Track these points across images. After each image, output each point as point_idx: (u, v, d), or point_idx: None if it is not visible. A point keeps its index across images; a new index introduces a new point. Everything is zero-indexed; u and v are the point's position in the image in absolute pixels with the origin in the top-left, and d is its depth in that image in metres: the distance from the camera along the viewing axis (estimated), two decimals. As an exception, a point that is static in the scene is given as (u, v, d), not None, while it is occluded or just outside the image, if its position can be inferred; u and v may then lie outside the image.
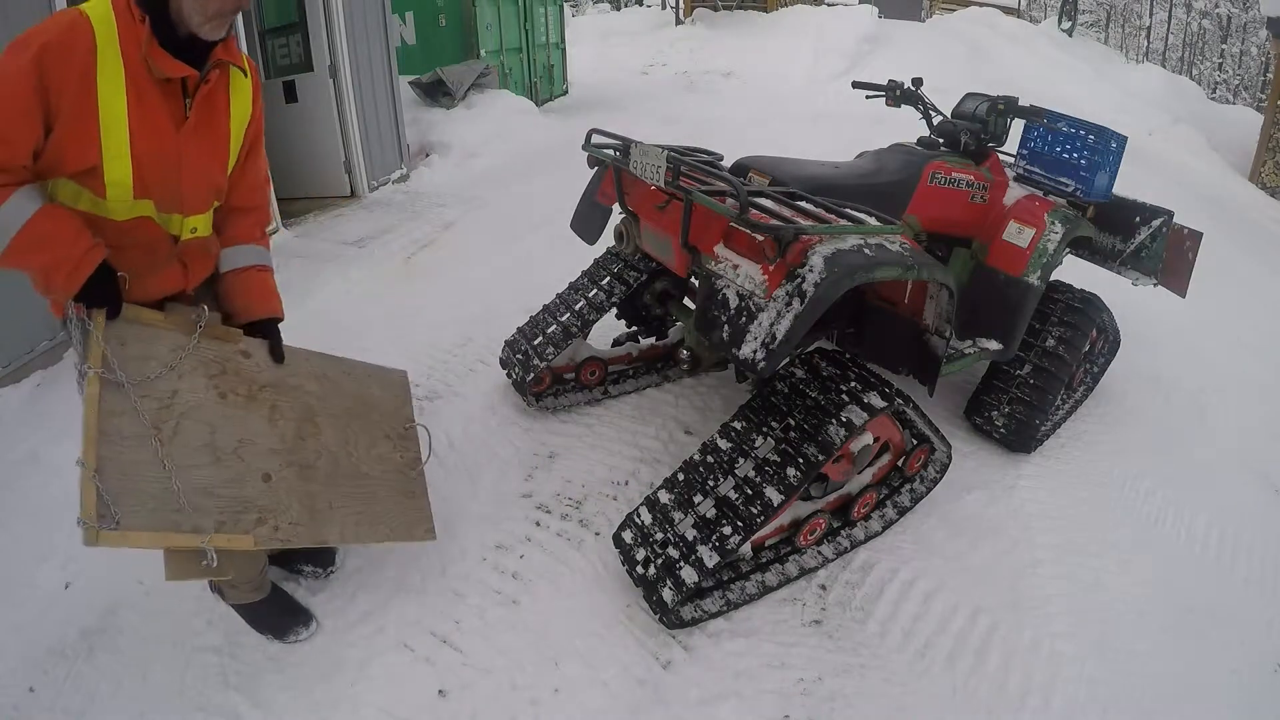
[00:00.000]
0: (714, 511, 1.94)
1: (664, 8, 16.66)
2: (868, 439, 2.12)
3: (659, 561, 1.93)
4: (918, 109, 2.86)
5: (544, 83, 9.42)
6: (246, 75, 1.59)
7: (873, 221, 2.01)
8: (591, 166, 2.58)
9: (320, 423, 1.87)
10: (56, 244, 1.37)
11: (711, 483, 2.00)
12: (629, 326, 2.93)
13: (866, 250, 1.86)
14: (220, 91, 1.54)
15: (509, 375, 2.79)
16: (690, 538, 1.92)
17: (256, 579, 1.85)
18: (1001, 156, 2.82)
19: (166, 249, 1.57)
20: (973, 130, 2.66)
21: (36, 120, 1.30)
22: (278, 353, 1.80)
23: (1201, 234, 2.90)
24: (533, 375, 2.64)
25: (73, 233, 1.39)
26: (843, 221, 1.95)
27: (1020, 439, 2.66)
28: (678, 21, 14.90)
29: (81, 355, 1.49)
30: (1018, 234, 2.57)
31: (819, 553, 2.15)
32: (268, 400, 1.78)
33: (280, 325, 1.85)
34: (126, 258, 1.50)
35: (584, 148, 2.43)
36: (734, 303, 1.91)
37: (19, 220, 1.32)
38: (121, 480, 1.44)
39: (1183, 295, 3.01)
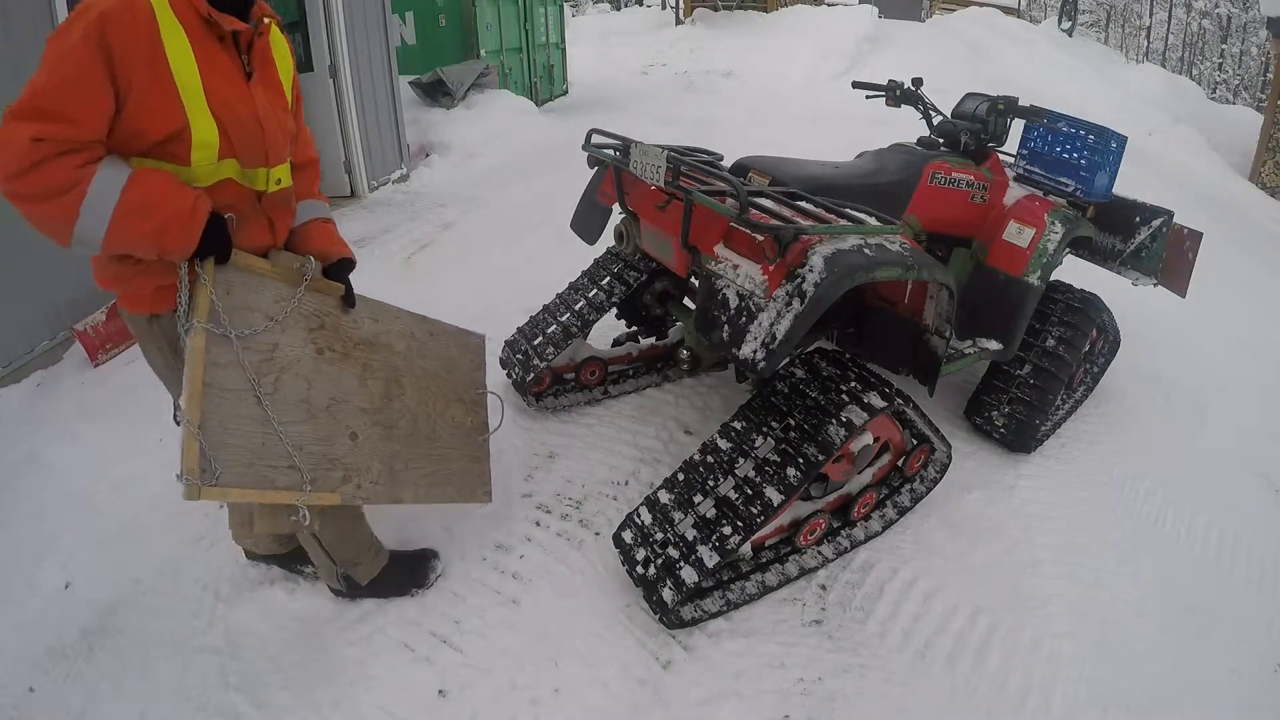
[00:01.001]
0: (714, 511, 1.94)
1: (664, 8, 16.67)
2: (868, 439, 2.12)
3: (659, 561, 1.93)
4: (918, 109, 2.86)
5: (544, 83, 9.42)
6: (281, 29, 1.63)
7: (873, 221, 2.01)
8: (591, 166, 2.58)
9: (405, 383, 1.91)
10: (161, 203, 1.33)
11: (711, 483, 2.00)
12: (629, 326, 2.93)
13: (866, 250, 1.86)
14: (267, 45, 1.56)
15: (509, 375, 2.79)
16: (690, 538, 1.92)
17: (375, 541, 1.95)
18: (1001, 156, 2.82)
19: (251, 208, 1.55)
20: (973, 130, 2.66)
21: (107, 94, 1.27)
22: (350, 297, 1.80)
23: (1201, 234, 2.90)
24: (533, 375, 2.64)
25: (173, 188, 1.36)
26: (843, 221, 1.95)
27: (1020, 439, 2.66)
28: (678, 21, 14.91)
29: (186, 307, 1.45)
30: (1018, 234, 2.57)
31: (819, 553, 2.15)
32: (360, 359, 1.80)
33: None
34: (232, 207, 1.50)
35: (584, 148, 2.43)
36: (734, 303, 1.91)
37: (114, 191, 1.28)
38: (222, 434, 1.42)
39: (1183, 295, 3.01)
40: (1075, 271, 3.00)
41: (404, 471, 1.81)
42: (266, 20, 1.53)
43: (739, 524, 1.89)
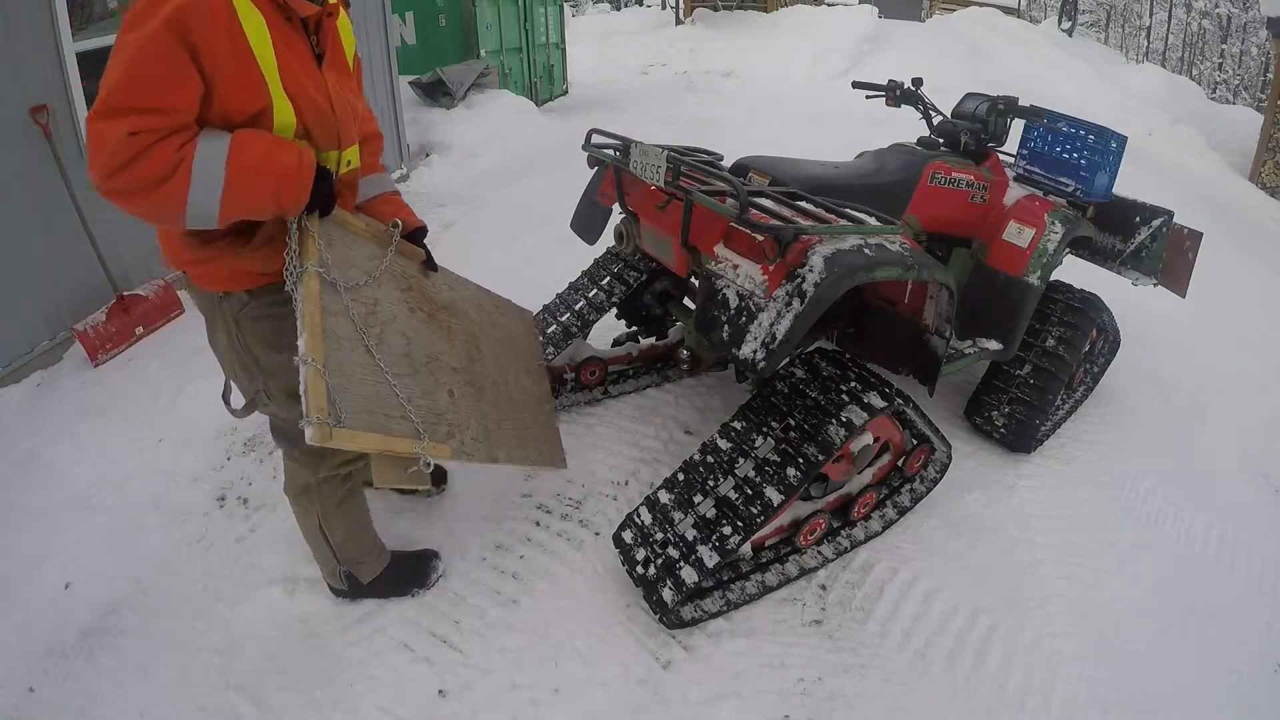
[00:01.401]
0: (714, 511, 1.94)
1: (664, 8, 16.67)
2: (868, 439, 2.12)
3: (659, 561, 1.93)
4: (918, 109, 2.86)
5: (544, 83, 9.42)
6: (345, 9, 1.64)
7: (873, 221, 2.01)
8: (591, 166, 2.58)
9: (483, 348, 1.96)
10: (269, 163, 1.33)
11: (711, 483, 2.00)
12: (629, 326, 2.93)
13: (866, 250, 1.86)
14: (334, 27, 1.57)
15: (509, 375, 2.79)
16: (690, 538, 1.92)
17: (378, 544, 1.96)
18: (1001, 156, 2.82)
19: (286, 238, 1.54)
20: (973, 130, 2.66)
21: (194, 78, 1.25)
22: (432, 261, 1.90)
23: (1201, 234, 2.90)
24: (533, 375, 2.64)
25: (276, 144, 1.36)
26: (843, 221, 1.95)
27: (1020, 439, 2.66)
28: (678, 21, 14.91)
29: (295, 257, 1.45)
30: (1018, 234, 2.57)
31: (819, 553, 2.15)
32: (444, 322, 1.85)
33: None
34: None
35: (584, 148, 2.43)
36: (734, 303, 1.91)
37: (220, 161, 1.27)
38: (340, 379, 1.39)
39: (1183, 295, 3.01)
40: (1075, 271, 3.00)
41: (496, 432, 1.82)
42: (334, 1, 1.53)
43: (739, 524, 1.89)
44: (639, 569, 1.95)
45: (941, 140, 2.71)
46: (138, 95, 1.21)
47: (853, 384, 2.07)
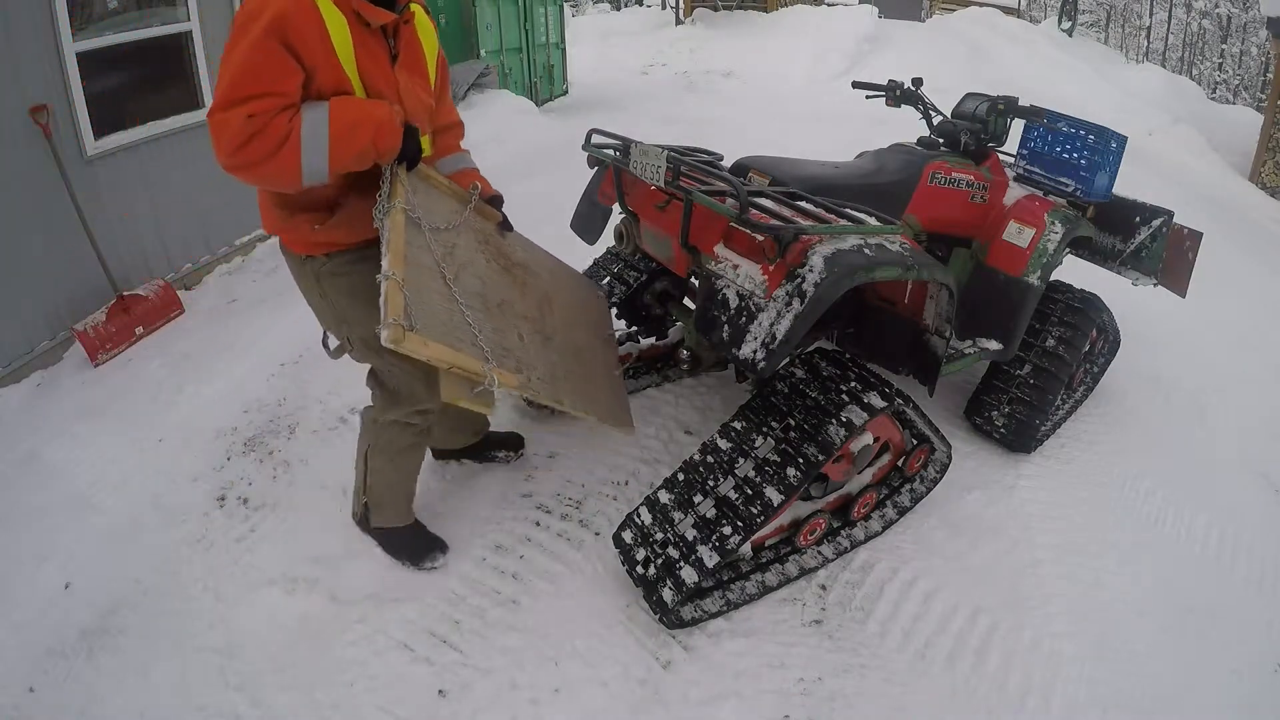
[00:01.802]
0: (714, 511, 1.94)
1: (664, 8, 16.66)
2: (868, 439, 2.12)
3: (659, 561, 1.93)
4: (918, 109, 2.86)
5: (544, 83, 9.42)
6: (428, 14, 1.85)
7: (873, 221, 2.01)
8: (591, 166, 2.58)
9: (554, 306, 2.12)
10: (365, 117, 1.54)
11: (711, 483, 2.00)
12: (629, 326, 2.93)
13: (866, 250, 1.86)
14: (414, 30, 1.77)
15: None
16: (690, 538, 1.92)
17: (408, 504, 2.11)
18: (1001, 156, 2.82)
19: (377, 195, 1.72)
20: (973, 130, 2.66)
21: (295, 68, 1.47)
22: (508, 223, 2.16)
23: (1201, 234, 2.90)
24: (533, 375, 2.64)
25: (366, 102, 1.57)
26: (843, 221, 1.95)
27: (1020, 439, 2.66)
28: (678, 21, 14.91)
29: (385, 196, 1.64)
30: (1018, 234, 2.57)
31: (819, 553, 2.15)
32: (519, 276, 2.03)
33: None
34: (358, 186, 1.68)
35: (584, 148, 2.43)
36: (734, 303, 1.91)
37: (323, 122, 1.48)
38: (417, 297, 1.54)
39: (1183, 295, 3.00)
40: (1075, 271, 3.00)
41: (563, 380, 1.93)
42: (411, 9, 1.74)
43: (739, 524, 1.89)
44: (639, 569, 1.95)
45: (941, 140, 2.71)
46: (249, 86, 1.42)
47: (853, 384, 2.07)
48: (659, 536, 1.97)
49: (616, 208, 2.53)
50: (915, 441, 2.32)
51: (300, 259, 1.79)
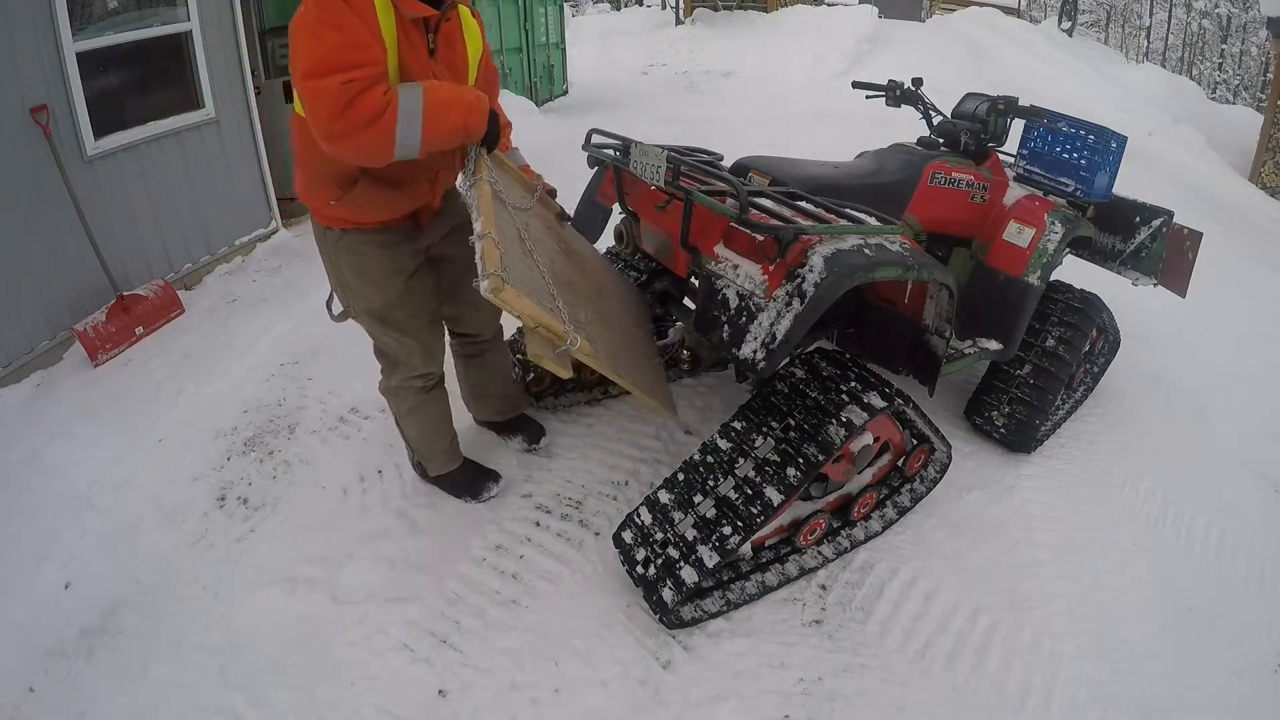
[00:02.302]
0: (714, 511, 1.94)
1: (664, 8, 16.64)
2: (868, 439, 2.12)
3: (659, 561, 1.93)
4: (918, 109, 2.86)
5: (544, 83, 9.41)
6: (475, 16, 1.92)
7: (873, 221, 2.01)
8: (591, 166, 2.58)
9: (607, 294, 2.24)
10: (456, 99, 1.64)
11: (711, 483, 2.00)
12: (629, 326, 2.93)
13: (866, 250, 1.86)
14: (456, 29, 1.84)
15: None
16: (690, 538, 1.92)
17: (449, 450, 2.28)
18: (1001, 156, 2.82)
19: (418, 166, 1.81)
20: (973, 130, 2.66)
21: (380, 39, 1.58)
22: (565, 214, 2.27)
23: (1201, 234, 2.90)
24: (532, 375, 2.64)
25: (456, 86, 1.69)
26: (843, 221, 1.95)
27: (1020, 439, 2.66)
28: (678, 21, 14.89)
29: (471, 171, 1.78)
30: (1018, 234, 2.57)
31: (819, 553, 2.15)
32: (579, 263, 2.17)
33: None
34: (388, 172, 1.76)
35: (584, 148, 2.43)
36: (734, 303, 1.91)
37: (418, 101, 1.57)
38: (506, 259, 1.61)
39: (1183, 295, 3.00)
40: (1075, 271, 3.00)
41: (620, 356, 2.00)
42: (457, 10, 1.81)
43: (739, 524, 1.89)
44: (639, 569, 1.95)
45: (941, 140, 2.71)
46: (342, 56, 1.50)
47: (853, 384, 2.07)
48: (659, 536, 1.97)
49: (616, 208, 2.53)
50: (915, 441, 2.32)
51: (321, 229, 1.92)
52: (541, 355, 1.63)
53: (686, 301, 2.82)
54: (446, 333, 2.24)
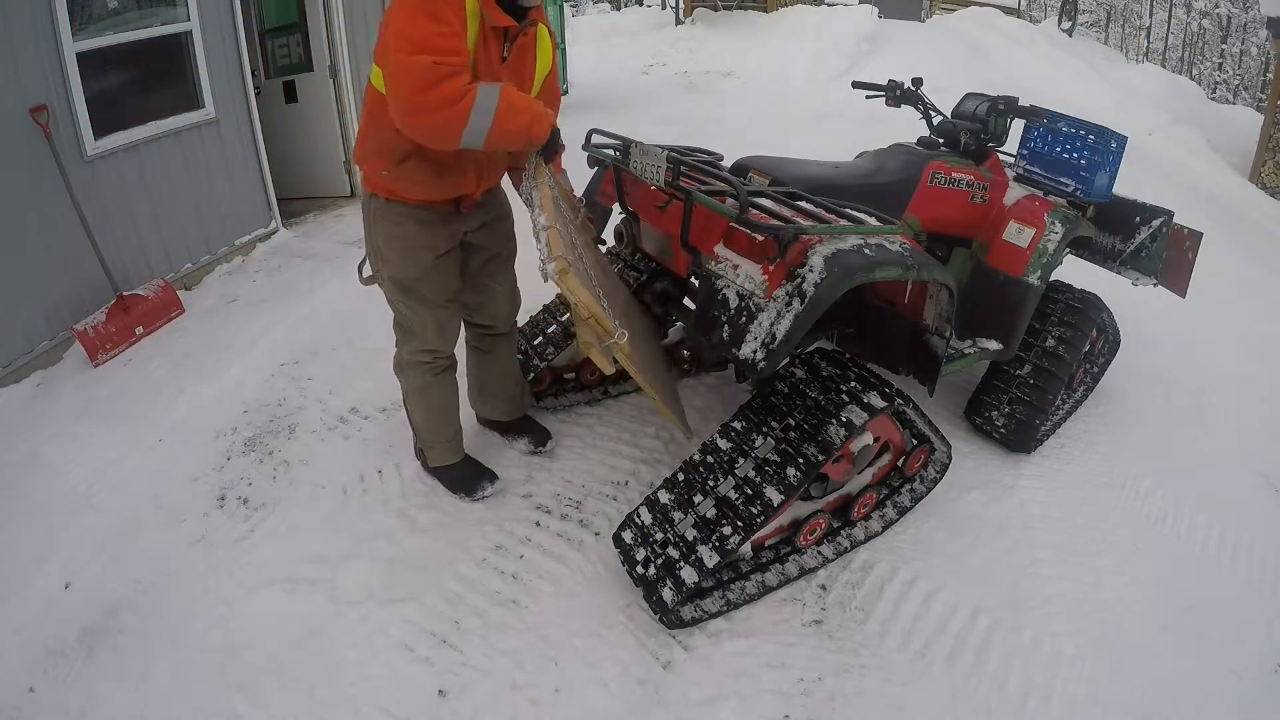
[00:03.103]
0: (714, 511, 1.94)
1: (664, 8, 16.63)
2: (868, 439, 2.12)
3: (659, 561, 1.93)
4: (918, 109, 2.86)
5: (544, 83, 9.39)
6: (550, 37, 2.04)
7: (873, 221, 2.00)
8: (591, 166, 2.58)
9: (632, 314, 2.30)
10: (526, 106, 1.75)
11: (711, 483, 2.00)
12: (629, 326, 2.93)
13: (866, 250, 1.86)
14: (530, 43, 1.95)
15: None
16: (690, 538, 1.92)
17: (453, 442, 2.33)
18: (1001, 156, 2.82)
19: (468, 159, 1.94)
20: (973, 130, 2.66)
21: (466, 35, 1.69)
22: (600, 237, 2.46)
23: (1201, 234, 2.90)
24: (533, 375, 2.64)
25: (527, 96, 1.80)
26: (843, 221, 1.95)
27: (1020, 439, 2.66)
28: (678, 21, 14.88)
29: (531, 176, 1.91)
30: (1018, 234, 2.57)
31: (819, 553, 2.15)
32: (610, 281, 2.23)
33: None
34: (441, 157, 1.87)
35: (584, 148, 2.43)
36: (734, 303, 1.91)
37: (494, 99, 1.66)
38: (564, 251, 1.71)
39: (1183, 295, 3.00)
40: (1075, 271, 3.00)
41: (648, 370, 2.07)
42: (533, 23, 1.91)
43: (739, 524, 1.89)
44: (639, 569, 1.95)
45: (941, 140, 2.71)
46: (435, 41, 1.62)
47: (853, 384, 2.07)
48: (659, 536, 1.97)
49: (616, 208, 2.53)
50: (915, 441, 2.32)
51: (368, 194, 2.03)
52: (590, 345, 1.72)
53: (686, 301, 2.82)
54: (463, 323, 2.32)
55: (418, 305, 2.09)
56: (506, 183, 2.30)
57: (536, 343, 2.68)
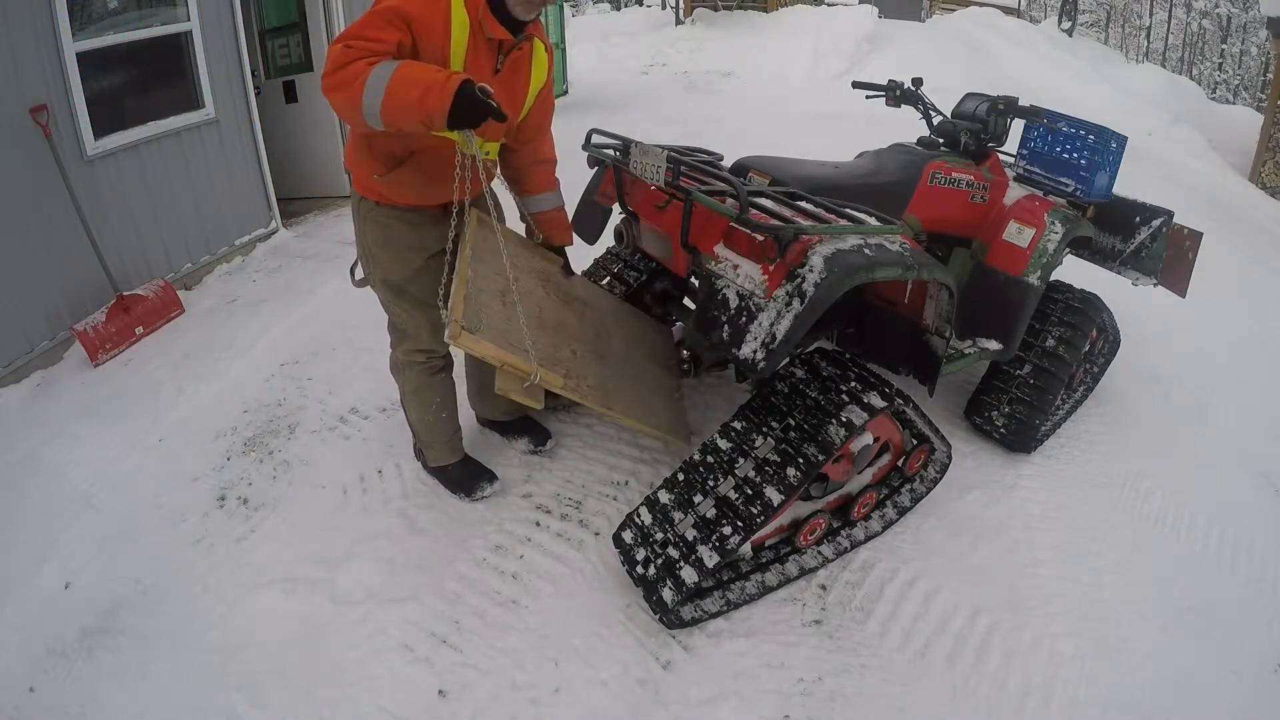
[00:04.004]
0: (714, 511, 1.94)
1: (664, 8, 16.63)
2: (868, 439, 2.12)
3: (659, 561, 1.93)
4: (918, 109, 2.86)
5: (544, 83, 9.39)
6: (547, 51, 2.02)
7: (873, 221, 2.00)
8: (591, 166, 2.58)
9: (612, 334, 2.37)
10: (421, 76, 1.67)
11: (711, 483, 2.00)
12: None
13: (866, 250, 1.86)
14: (525, 57, 1.95)
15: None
16: (690, 538, 1.92)
17: (451, 441, 2.34)
18: (1001, 156, 2.82)
19: (455, 164, 1.91)
20: (973, 130, 2.66)
21: (403, 31, 1.69)
22: (569, 269, 2.39)
23: (1201, 234, 2.90)
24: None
25: (431, 67, 1.71)
26: (843, 221, 1.95)
27: (1020, 439, 2.66)
28: (678, 21, 14.88)
29: (461, 229, 1.94)
30: (1018, 234, 2.57)
31: (819, 553, 2.15)
32: (577, 308, 2.31)
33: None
34: (426, 161, 1.90)
35: (584, 148, 2.43)
36: (734, 303, 1.91)
37: (388, 72, 1.64)
38: (478, 304, 1.81)
39: (1183, 295, 3.00)
40: (1075, 271, 3.00)
41: (614, 390, 2.14)
42: (530, 38, 1.91)
43: (739, 524, 1.89)
44: (639, 569, 1.95)
45: (941, 140, 2.71)
46: (359, 31, 1.67)
47: (853, 384, 2.07)
48: (659, 536, 1.97)
49: (616, 208, 2.53)
50: (915, 441, 2.32)
51: (358, 196, 2.05)
52: (508, 389, 1.81)
53: (686, 301, 2.82)
54: None
55: (410, 306, 2.09)
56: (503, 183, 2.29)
57: (536, 343, 2.67)
